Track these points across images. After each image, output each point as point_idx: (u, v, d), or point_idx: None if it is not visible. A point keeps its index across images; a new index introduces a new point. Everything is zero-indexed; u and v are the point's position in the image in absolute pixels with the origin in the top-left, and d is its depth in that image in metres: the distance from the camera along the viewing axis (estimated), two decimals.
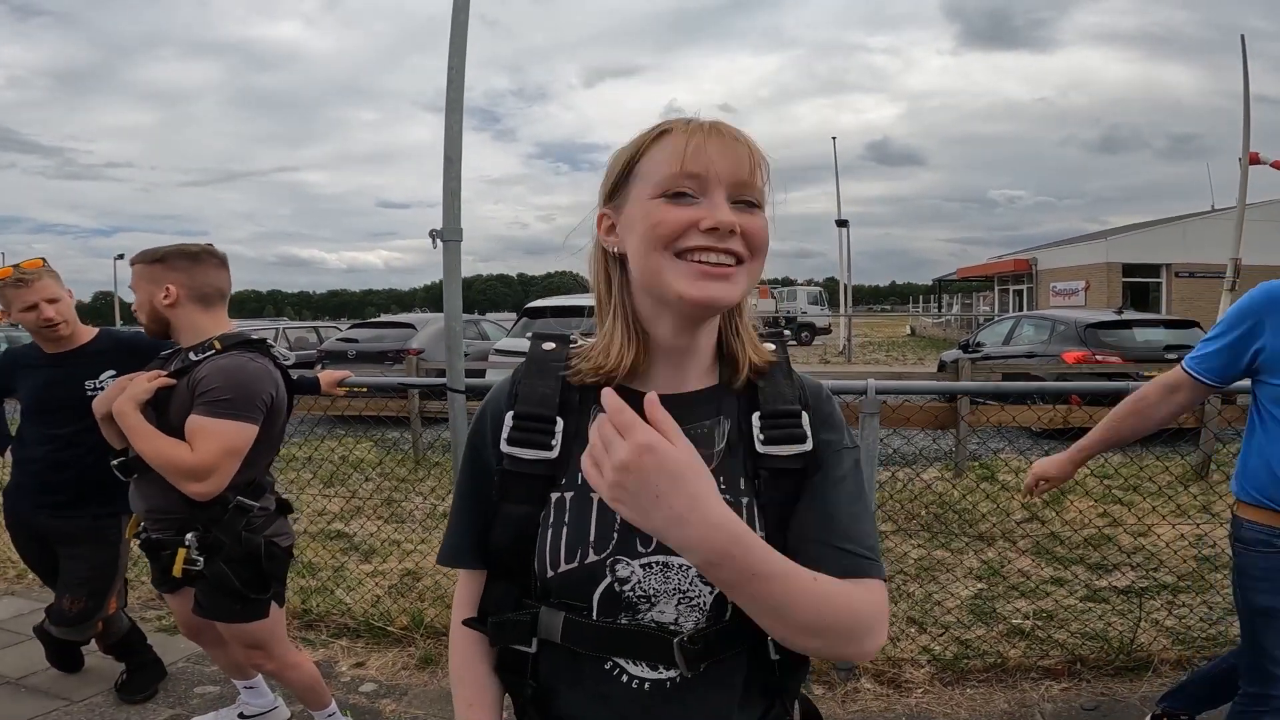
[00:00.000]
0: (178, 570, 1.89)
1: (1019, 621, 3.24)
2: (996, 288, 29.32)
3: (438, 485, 5.38)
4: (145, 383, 1.85)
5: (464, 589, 0.89)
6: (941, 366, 11.34)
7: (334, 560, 4.09)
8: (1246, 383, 1.79)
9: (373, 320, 12.97)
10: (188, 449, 1.79)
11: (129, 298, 2.06)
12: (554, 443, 0.80)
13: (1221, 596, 3.37)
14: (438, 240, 2.66)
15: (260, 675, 2.44)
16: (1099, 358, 8.26)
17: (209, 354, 1.89)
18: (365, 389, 4.72)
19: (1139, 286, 21.09)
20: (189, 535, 1.89)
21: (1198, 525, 4.22)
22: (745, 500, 0.80)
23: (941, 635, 3.09)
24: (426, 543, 4.29)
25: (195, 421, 1.81)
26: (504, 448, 0.81)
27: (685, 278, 0.76)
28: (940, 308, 36.66)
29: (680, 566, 0.77)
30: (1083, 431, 2.03)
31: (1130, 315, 9.53)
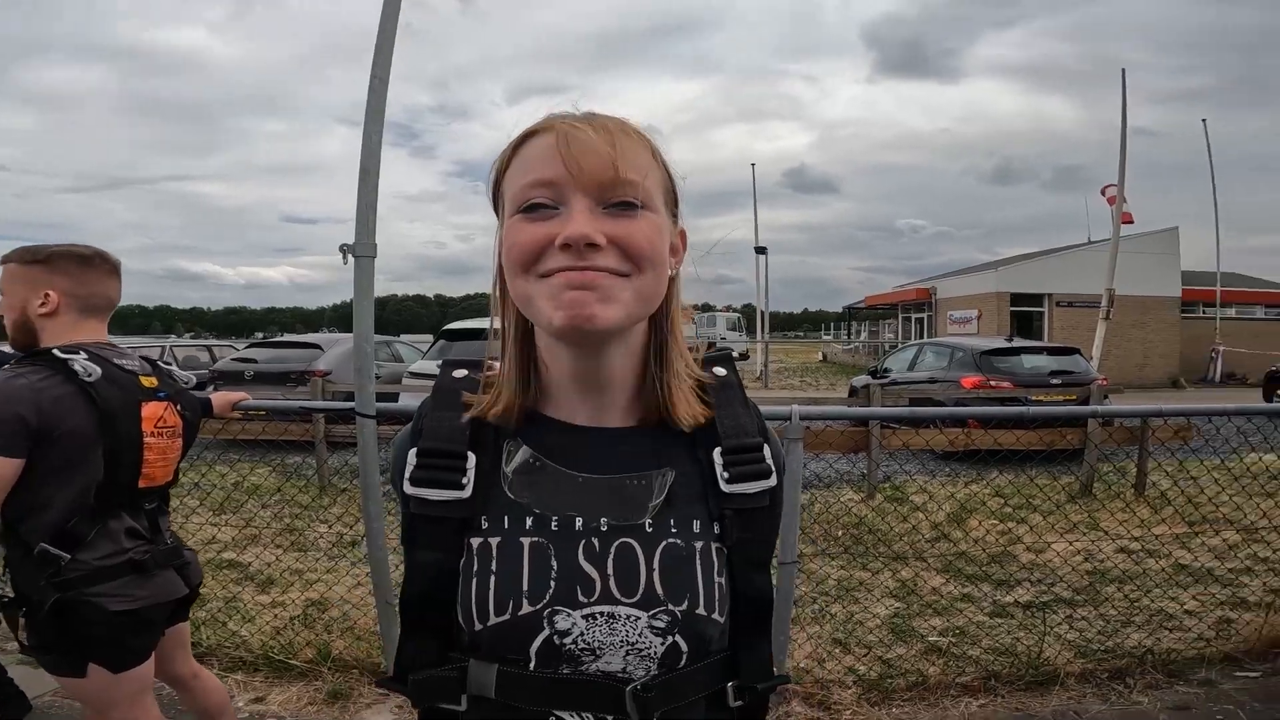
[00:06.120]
0: None
1: (935, 639, 3.32)
2: (900, 315, 30.89)
3: (344, 512, 5.11)
4: None
5: None
6: (852, 391, 11.79)
7: (225, 591, 3.83)
8: (1128, 405, 1.89)
9: (274, 339, 12.24)
10: None
11: None
12: (465, 481, 0.71)
13: (1115, 609, 3.57)
14: (349, 255, 2.51)
15: None
16: (993, 383, 8.82)
17: None
18: (264, 412, 4.41)
19: (1024, 315, 22.71)
20: None
21: (1085, 535, 4.50)
22: (700, 545, 0.72)
23: (865, 655, 3.12)
24: (333, 572, 4.08)
25: None
26: (407, 488, 0.72)
27: (550, 298, 0.66)
28: (850, 335, 38.30)
29: (628, 617, 0.69)
30: (980, 452, 2.09)
31: (1019, 343, 10.27)
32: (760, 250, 23.95)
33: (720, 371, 0.80)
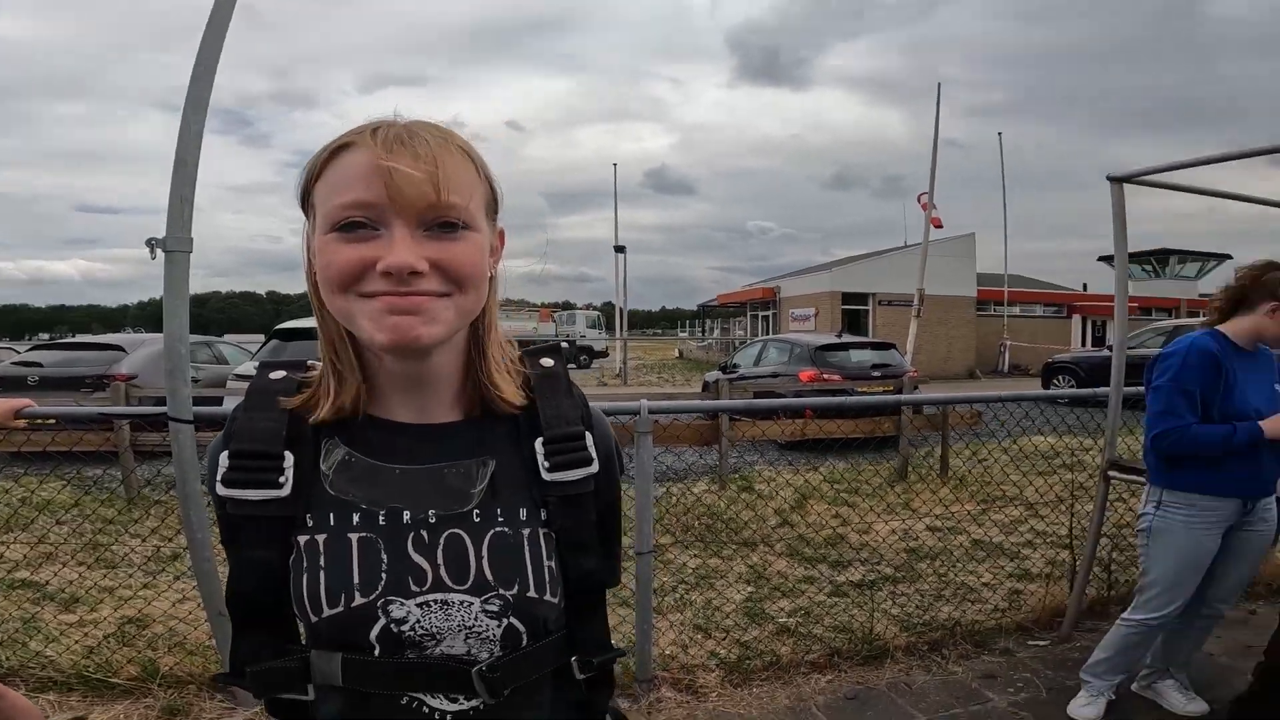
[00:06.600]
0: None
1: (784, 620, 3.56)
2: (749, 313, 32.64)
3: (160, 525, 4.66)
4: None
5: None
6: (705, 387, 12.33)
7: (20, 611, 3.53)
8: (938, 394, 2.15)
9: (64, 340, 10.73)
10: None
11: None
12: (283, 480, 0.71)
13: (929, 584, 4.02)
14: (158, 250, 2.27)
15: None
16: (825, 376, 9.62)
17: None
18: (54, 420, 3.87)
19: (854, 313, 24.90)
20: None
21: (901, 516, 5.02)
22: (528, 531, 0.75)
23: (725, 639, 3.30)
24: (151, 587, 3.78)
25: None
26: (220, 490, 0.72)
27: (373, 320, 0.66)
28: (704, 332, 39.87)
29: (461, 603, 0.71)
30: (818, 442, 2.28)
31: (848, 338, 11.27)
32: (620, 249, 24.27)
33: (547, 362, 0.82)
